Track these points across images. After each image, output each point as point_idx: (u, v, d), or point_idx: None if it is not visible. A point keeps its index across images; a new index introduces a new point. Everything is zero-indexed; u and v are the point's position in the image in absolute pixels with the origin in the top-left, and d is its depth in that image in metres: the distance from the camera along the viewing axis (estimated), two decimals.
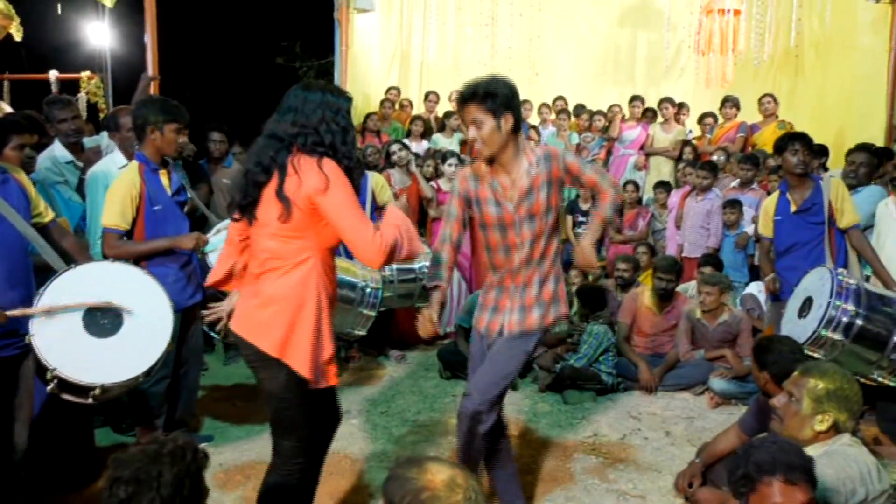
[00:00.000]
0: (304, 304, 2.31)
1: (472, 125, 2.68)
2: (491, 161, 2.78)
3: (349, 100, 2.45)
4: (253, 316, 2.35)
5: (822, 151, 5.49)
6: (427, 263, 4.97)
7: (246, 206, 2.36)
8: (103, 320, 2.81)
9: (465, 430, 2.85)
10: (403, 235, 2.34)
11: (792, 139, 4.23)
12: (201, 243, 3.42)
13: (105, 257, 3.30)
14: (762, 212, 4.57)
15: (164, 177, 3.47)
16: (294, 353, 2.30)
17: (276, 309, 2.30)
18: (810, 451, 2.28)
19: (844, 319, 3.43)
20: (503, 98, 2.65)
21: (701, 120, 8.09)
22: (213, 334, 3.78)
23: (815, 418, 2.31)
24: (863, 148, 4.87)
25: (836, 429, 2.31)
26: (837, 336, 3.42)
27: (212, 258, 3.52)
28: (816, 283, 3.68)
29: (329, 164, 2.26)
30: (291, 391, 2.34)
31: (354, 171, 2.35)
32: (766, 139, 7.37)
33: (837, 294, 3.47)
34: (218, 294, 3.54)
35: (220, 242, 3.52)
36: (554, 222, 2.88)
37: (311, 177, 2.23)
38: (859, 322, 3.42)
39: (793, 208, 4.27)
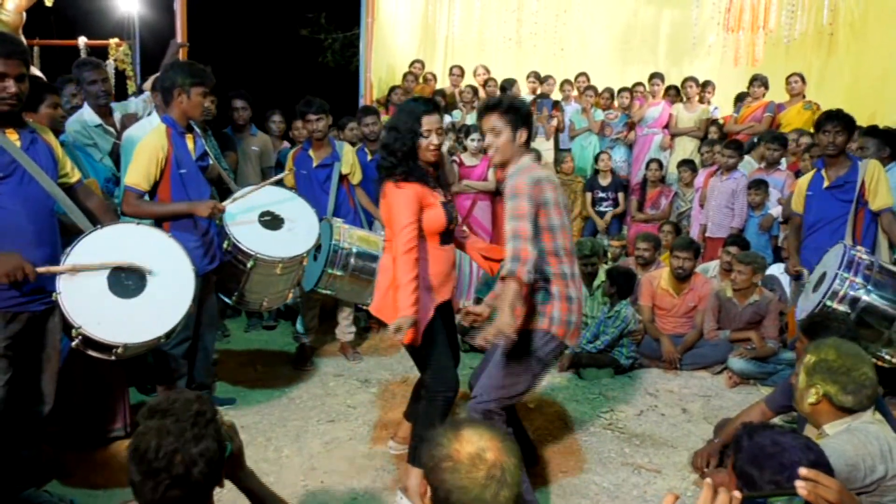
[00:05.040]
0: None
1: (491, 132, 2.87)
2: (502, 168, 2.96)
3: (418, 107, 2.97)
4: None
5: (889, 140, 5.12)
6: None
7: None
8: (128, 281, 2.86)
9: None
10: (402, 282, 2.87)
11: (828, 119, 4.22)
12: (217, 212, 3.41)
13: (123, 214, 3.33)
14: (797, 187, 4.57)
15: (189, 141, 3.49)
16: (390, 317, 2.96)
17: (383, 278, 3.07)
18: (829, 428, 2.28)
19: (851, 293, 3.44)
20: (524, 114, 2.87)
21: (737, 102, 7.96)
22: (227, 301, 3.83)
23: (808, 392, 2.29)
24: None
25: (830, 402, 2.24)
26: (843, 308, 3.41)
27: (231, 228, 3.55)
28: (832, 258, 3.70)
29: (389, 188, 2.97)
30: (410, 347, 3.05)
31: (414, 171, 2.93)
32: (791, 119, 7.25)
33: (847, 266, 3.49)
34: (233, 261, 3.60)
35: (238, 214, 3.56)
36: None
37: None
38: (866, 296, 3.42)
39: (825, 184, 4.26)
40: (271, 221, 3.71)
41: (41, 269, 2.62)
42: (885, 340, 3.49)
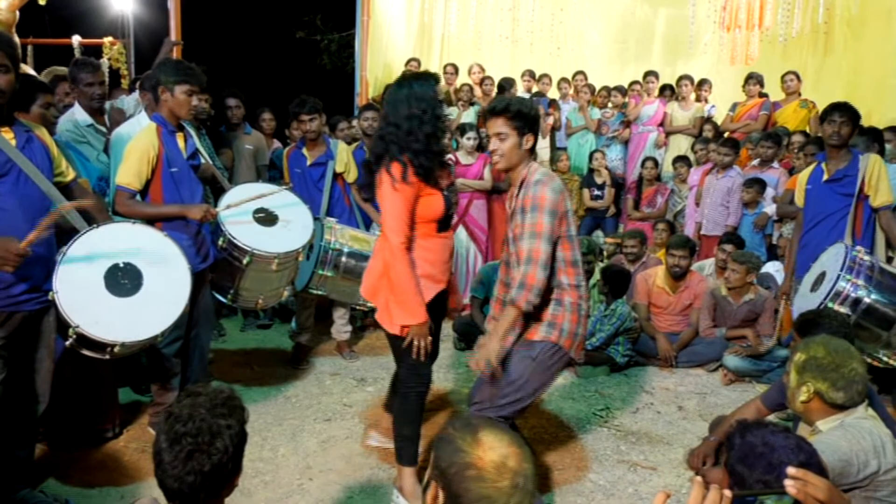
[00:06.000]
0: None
1: (496, 137, 2.77)
2: (506, 173, 2.89)
3: (434, 83, 2.90)
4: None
5: (877, 137, 5.17)
6: None
7: (365, 186, 3.00)
8: (124, 280, 2.85)
9: None
10: (399, 286, 2.81)
11: (834, 109, 4.17)
12: (209, 216, 3.39)
13: (115, 213, 3.31)
14: (797, 180, 4.53)
15: (180, 140, 3.48)
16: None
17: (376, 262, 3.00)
18: (822, 425, 2.29)
19: (853, 294, 3.42)
20: (531, 120, 2.76)
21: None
22: (222, 299, 3.82)
23: (800, 390, 2.29)
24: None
25: (822, 399, 2.25)
26: (844, 310, 3.40)
27: (226, 225, 3.55)
28: (832, 257, 3.67)
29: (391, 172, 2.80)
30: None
31: (434, 165, 2.84)
32: (786, 117, 7.27)
33: (849, 268, 3.46)
34: (228, 258, 3.59)
35: (231, 216, 3.55)
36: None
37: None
38: (867, 298, 3.40)
39: (825, 177, 4.22)
40: (266, 218, 3.72)
41: (24, 243, 2.47)
42: (883, 342, 3.48)
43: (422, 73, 3.05)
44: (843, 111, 4.13)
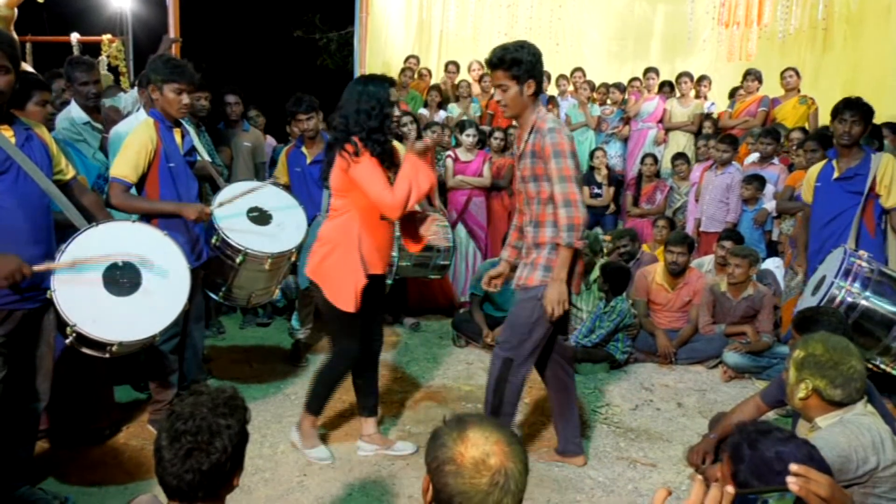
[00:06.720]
0: (340, 244, 3.10)
1: (499, 89, 3.00)
2: (515, 119, 3.09)
3: (388, 86, 3.10)
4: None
5: (875, 134, 5.10)
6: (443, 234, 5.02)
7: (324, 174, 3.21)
8: (123, 279, 2.84)
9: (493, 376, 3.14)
10: (413, 183, 2.96)
11: (846, 107, 4.01)
12: (204, 216, 3.37)
13: (109, 206, 3.29)
14: (806, 176, 4.45)
15: (177, 135, 3.47)
16: (325, 280, 3.14)
17: (320, 244, 3.18)
18: (821, 421, 2.29)
19: (848, 300, 3.40)
20: (527, 65, 2.92)
21: (731, 97, 7.96)
22: (214, 297, 3.81)
23: (799, 387, 2.29)
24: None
25: (820, 396, 2.25)
26: None
27: (221, 224, 3.53)
28: (833, 261, 3.65)
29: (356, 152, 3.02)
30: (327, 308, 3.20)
31: (385, 150, 3.06)
32: (786, 114, 7.26)
33: (844, 273, 3.44)
34: (221, 256, 3.59)
35: (225, 216, 3.54)
36: (543, 193, 2.98)
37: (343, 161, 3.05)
38: (864, 302, 3.39)
39: (835, 175, 4.13)
40: (259, 217, 3.71)
41: (38, 268, 2.58)
42: (881, 348, 3.44)
43: (379, 75, 3.26)
44: (856, 110, 3.97)
